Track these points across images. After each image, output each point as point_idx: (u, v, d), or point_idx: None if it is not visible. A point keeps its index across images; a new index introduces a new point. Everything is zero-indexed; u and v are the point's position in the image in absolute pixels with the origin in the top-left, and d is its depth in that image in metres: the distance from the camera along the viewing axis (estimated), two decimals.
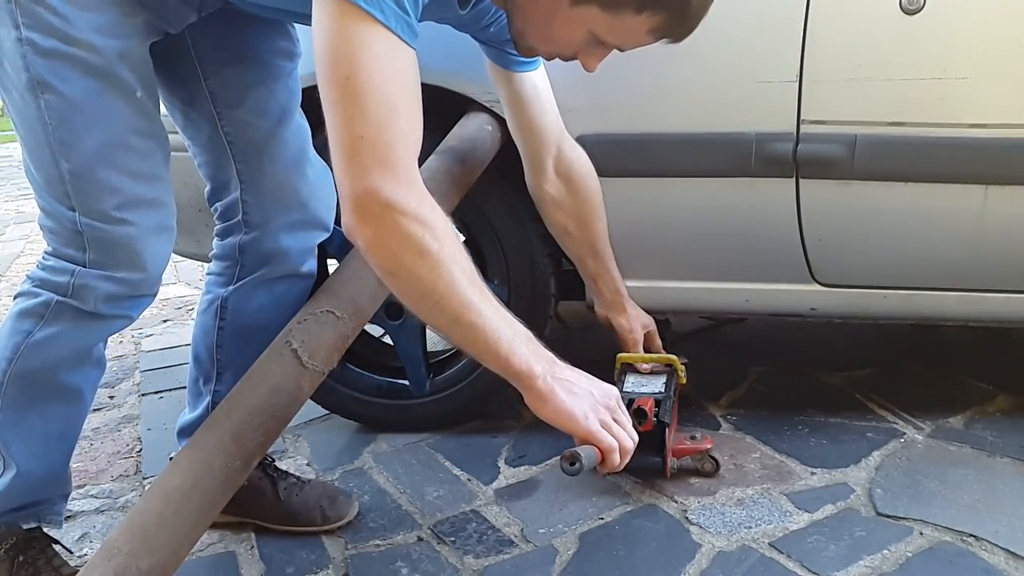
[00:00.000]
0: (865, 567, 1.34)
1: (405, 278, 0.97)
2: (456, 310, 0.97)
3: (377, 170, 0.92)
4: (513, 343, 1.01)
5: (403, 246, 0.94)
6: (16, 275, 3.71)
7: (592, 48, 1.10)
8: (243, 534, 1.53)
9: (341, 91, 0.92)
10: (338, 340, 1.25)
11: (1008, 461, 1.61)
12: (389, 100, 0.92)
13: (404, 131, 0.94)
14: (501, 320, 1.01)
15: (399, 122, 0.93)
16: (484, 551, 1.45)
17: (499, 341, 1.00)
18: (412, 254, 0.94)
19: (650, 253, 1.69)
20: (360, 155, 0.92)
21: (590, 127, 1.59)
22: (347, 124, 0.92)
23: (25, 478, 1.28)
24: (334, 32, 0.92)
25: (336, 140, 0.93)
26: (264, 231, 1.36)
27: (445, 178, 1.50)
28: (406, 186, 0.93)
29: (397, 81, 0.94)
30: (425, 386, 1.83)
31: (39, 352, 1.21)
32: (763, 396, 1.94)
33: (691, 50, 1.53)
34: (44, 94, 1.10)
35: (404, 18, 0.93)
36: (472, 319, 0.98)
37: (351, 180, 0.93)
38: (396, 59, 0.94)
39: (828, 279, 1.64)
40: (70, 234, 1.16)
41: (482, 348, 1.01)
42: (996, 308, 1.61)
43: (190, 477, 1.08)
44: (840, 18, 1.47)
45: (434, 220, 0.95)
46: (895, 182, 1.52)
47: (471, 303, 0.98)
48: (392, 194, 0.92)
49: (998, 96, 1.45)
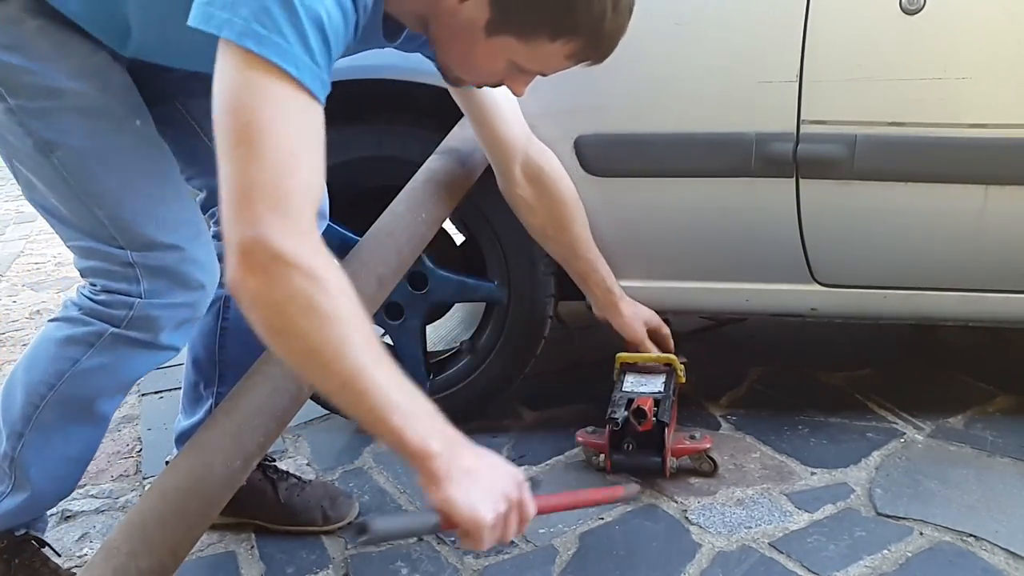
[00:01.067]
0: (865, 567, 1.34)
1: (291, 337, 0.88)
2: (346, 375, 0.88)
3: (270, 218, 0.85)
4: (409, 417, 0.91)
5: (290, 301, 0.86)
6: (16, 275, 3.71)
7: (515, 75, 1.09)
8: (243, 534, 1.53)
9: (238, 137, 0.86)
10: None
11: (1008, 461, 1.61)
12: (291, 149, 0.87)
13: (304, 181, 0.88)
14: (398, 390, 0.91)
15: (299, 172, 0.87)
16: (484, 551, 1.45)
17: (393, 413, 0.90)
18: (299, 310, 0.86)
19: (650, 253, 1.69)
20: (253, 202, 0.85)
21: (590, 127, 1.59)
22: (242, 170, 0.86)
23: (38, 499, 1.28)
24: (237, 81, 0.87)
25: (228, 187, 0.86)
26: None
27: (445, 179, 1.51)
28: (299, 237, 0.86)
29: (302, 133, 0.89)
30: (425, 386, 1.83)
31: (84, 380, 1.21)
32: (763, 396, 1.94)
33: (691, 50, 1.54)
34: (54, 153, 1.11)
35: (317, 72, 0.89)
36: (363, 386, 0.89)
37: (240, 228, 0.85)
38: (303, 113, 0.89)
39: (828, 279, 1.64)
40: (122, 269, 1.15)
41: (374, 419, 0.90)
42: (996, 308, 1.61)
43: (190, 477, 1.08)
44: (840, 18, 1.47)
45: (328, 275, 0.88)
46: (895, 182, 1.52)
47: (363, 369, 0.88)
48: (283, 245, 0.85)
49: (998, 96, 1.45)
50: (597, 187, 1.62)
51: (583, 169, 1.61)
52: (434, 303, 1.80)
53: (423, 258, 1.70)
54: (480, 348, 1.81)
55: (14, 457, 1.24)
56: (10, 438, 1.24)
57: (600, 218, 1.65)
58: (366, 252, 1.37)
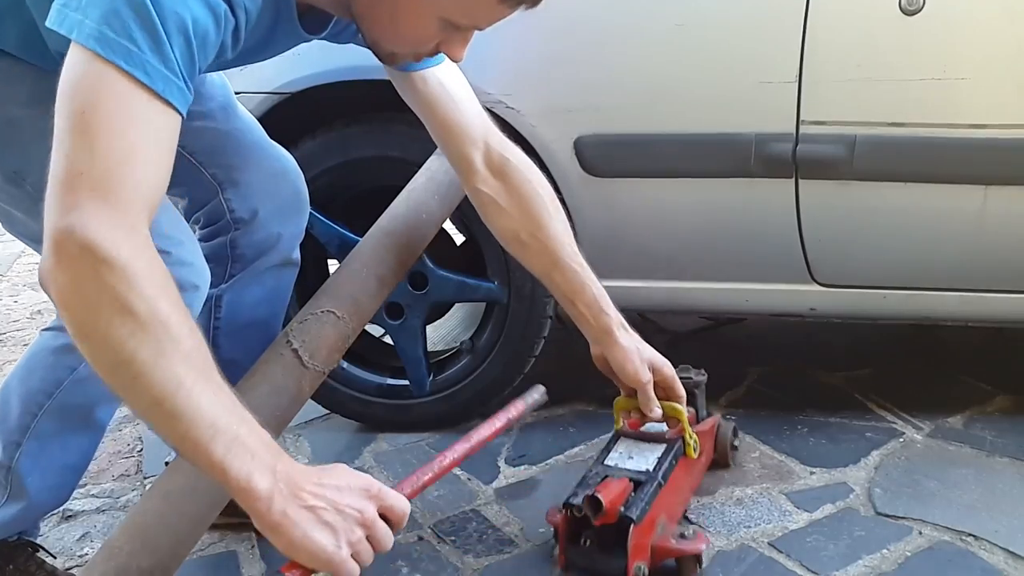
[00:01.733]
0: (864, 567, 1.35)
1: (99, 341, 0.78)
2: (158, 392, 0.78)
3: (91, 206, 0.77)
4: (233, 448, 0.79)
5: (101, 300, 0.77)
6: (17, 275, 3.71)
7: (450, 35, 1.00)
8: (244, 534, 1.53)
9: (73, 124, 0.80)
10: (339, 340, 1.26)
11: (1008, 461, 1.61)
12: (129, 142, 0.80)
13: (140, 176, 0.81)
14: (222, 414, 0.80)
15: (135, 165, 0.80)
16: (484, 550, 1.45)
17: (213, 440, 0.79)
18: (110, 312, 0.77)
19: (650, 253, 1.69)
20: (75, 189, 0.78)
21: (590, 127, 1.59)
22: (71, 156, 0.79)
23: (34, 508, 1.28)
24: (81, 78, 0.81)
25: (53, 173, 0.79)
26: (254, 222, 1.35)
27: (445, 179, 1.51)
28: (121, 230, 0.78)
29: (146, 132, 0.82)
30: (425, 386, 1.83)
31: (83, 388, 1.20)
32: (763, 396, 1.94)
33: (691, 50, 1.54)
34: (26, 180, 1.09)
35: (170, 79, 0.83)
36: (177, 406, 0.78)
37: (57, 215, 0.78)
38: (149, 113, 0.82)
39: (828, 279, 1.64)
40: None
41: (190, 447, 0.79)
42: (996, 308, 1.61)
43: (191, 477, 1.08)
44: (840, 18, 1.47)
45: (148, 274, 0.79)
46: (895, 182, 1.52)
47: (179, 387, 0.78)
48: (99, 236, 0.76)
49: (998, 96, 1.45)
50: (597, 187, 1.62)
51: (583, 169, 1.61)
52: (434, 303, 1.80)
53: (423, 258, 1.70)
54: (480, 348, 1.82)
55: (11, 467, 1.23)
56: (7, 448, 1.23)
57: (600, 218, 1.65)
58: (366, 252, 1.38)
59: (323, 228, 1.73)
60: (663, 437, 1.42)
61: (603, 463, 1.38)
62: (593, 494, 1.23)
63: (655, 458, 1.37)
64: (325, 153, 1.71)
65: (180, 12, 0.83)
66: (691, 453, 1.43)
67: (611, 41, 1.56)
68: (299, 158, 1.66)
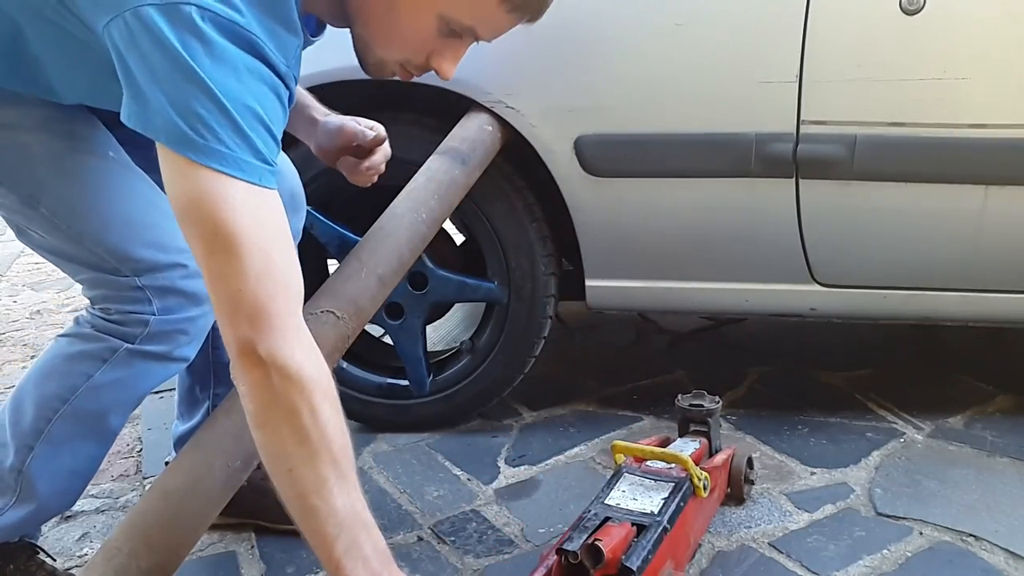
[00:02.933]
0: (865, 567, 1.34)
1: (268, 435, 0.91)
2: (304, 488, 0.90)
3: (260, 325, 0.88)
4: (351, 548, 0.90)
5: (277, 405, 0.89)
6: (16, 275, 3.71)
7: (446, 41, 1.01)
8: (243, 534, 1.53)
9: (209, 246, 0.88)
10: (338, 340, 1.25)
11: (1008, 461, 1.61)
12: (261, 249, 0.88)
13: (282, 279, 0.90)
14: (350, 517, 0.90)
15: (275, 270, 0.89)
16: (484, 551, 1.45)
17: (336, 539, 0.89)
18: (281, 415, 0.89)
19: (650, 253, 1.69)
20: (240, 310, 0.88)
21: (590, 127, 1.59)
22: (223, 282, 0.88)
23: (41, 512, 1.28)
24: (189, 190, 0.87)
25: (215, 298, 0.90)
26: None
27: (445, 179, 1.51)
28: (290, 340, 0.89)
29: (266, 226, 0.89)
30: (425, 386, 1.83)
31: (98, 395, 1.20)
32: (763, 396, 1.94)
33: (691, 50, 1.54)
34: (40, 204, 1.11)
35: (264, 169, 0.89)
36: (315, 504, 0.89)
37: (234, 332, 0.89)
38: (261, 207, 0.89)
39: (828, 279, 1.64)
40: (132, 293, 1.15)
41: (318, 540, 0.91)
42: (996, 308, 1.61)
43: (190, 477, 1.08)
44: (840, 18, 1.47)
45: (317, 378, 0.90)
46: (895, 182, 1.52)
47: (323, 487, 0.89)
48: (273, 349, 0.88)
49: (998, 96, 1.45)
50: (597, 187, 1.62)
51: (583, 169, 1.61)
52: (434, 303, 1.80)
53: (423, 258, 1.70)
54: (480, 348, 1.82)
55: (22, 470, 1.23)
56: (19, 451, 1.23)
57: (600, 218, 1.65)
58: (366, 252, 1.37)
59: (323, 228, 1.73)
60: (670, 475, 1.31)
61: (603, 502, 1.26)
62: (592, 542, 1.12)
63: (661, 499, 1.25)
64: None
65: (249, 103, 0.88)
66: (701, 493, 1.30)
67: (611, 41, 1.56)
68: (299, 158, 1.66)
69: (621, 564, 1.12)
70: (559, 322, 1.85)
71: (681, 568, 1.27)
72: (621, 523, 1.19)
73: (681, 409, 1.52)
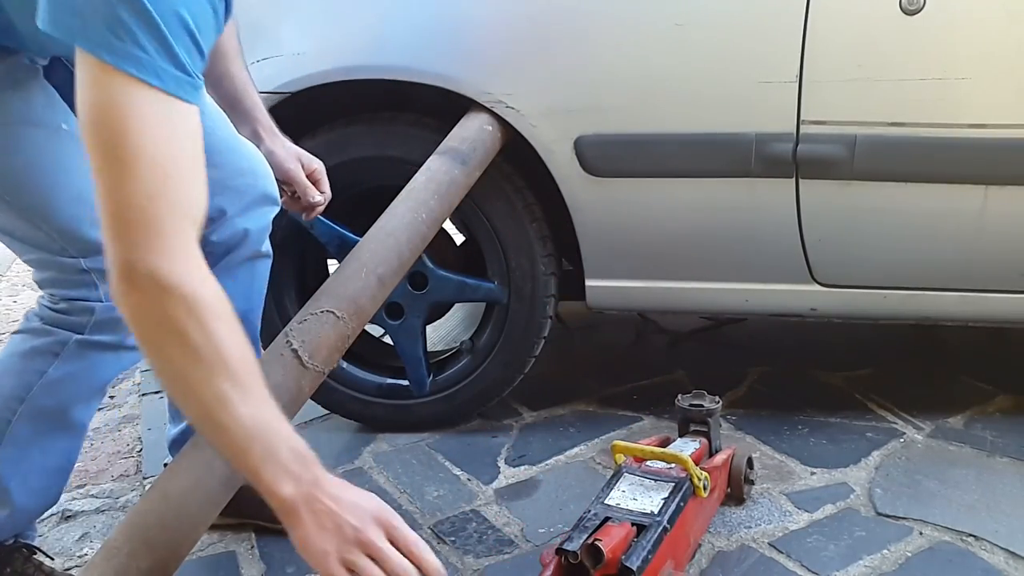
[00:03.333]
0: (865, 567, 1.34)
1: (160, 360, 0.88)
2: (207, 406, 0.88)
3: (145, 242, 0.84)
4: (267, 456, 0.89)
5: (162, 324, 0.86)
6: (16, 275, 3.71)
7: None
8: (243, 534, 1.53)
9: (107, 154, 0.84)
10: (338, 340, 1.26)
11: (1008, 461, 1.61)
12: (161, 165, 0.85)
13: (179, 199, 0.86)
14: (260, 426, 0.89)
15: (172, 189, 0.85)
16: (484, 551, 1.45)
17: (249, 450, 0.88)
18: (170, 336, 0.86)
19: (650, 253, 1.69)
20: (128, 225, 0.84)
21: (590, 127, 1.59)
22: (115, 190, 0.84)
23: (21, 513, 1.27)
24: (99, 95, 0.84)
25: (103, 208, 0.86)
26: (222, 220, 1.33)
27: (445, 179, 1.51)
28: (179, 259, 0.86)
29: (172, 143, 0.86)
30: (425, 386, 1.83)
31: (55, 390, 1.20)
32: (763, 396, 1.94)
33: (691, 50, 1.54)
34: None
35: (184, 79, 0.86)
36: (221, 419, 0.87)
37: (118, 249, 0.85)
38: (171, 120, 0.86)
39: (828, 279, 1.64)
40: (77, 276, 1.14)
41: (230, 453, 0.90)
42: (996, 308, 1.61)
43: (190, 477, 1.08)
44: (840, 18, 1.47)
45: (207, 302, 0.87)
46: (895, 182, 1.52)
47: (226, 403, 0.87)
48: (159, 268, 0.84)
49: (998, 96, 1.45)
50: (597, 187, 1.62)
51: (583, 169, 1.61)
52: (434, 303, 1.80)
53: (423, 258, 1.70)
54: (480, 348, 1.82)
55: None
56: None
57: (600, 218, 1.65)
58: (366, 252, 1.37)
59: (323, 228, 1.73)
60: (670, 475, 1.31)
61: (603, 502, 1.25)
62: (593, 542, 1.12)
63: (661, 499, 1.25)
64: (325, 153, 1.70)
65: (177, 10, 0.84)
66: (701, 493, 1.30)
67: (611, 41, 1.56)
68: None
69: (621, 564, 1.12)
70: (559, 322, 1.85)
71: (681, 568, 1.27)
72: (621, 523, 1.18)
73: (681, 409, 1.52)
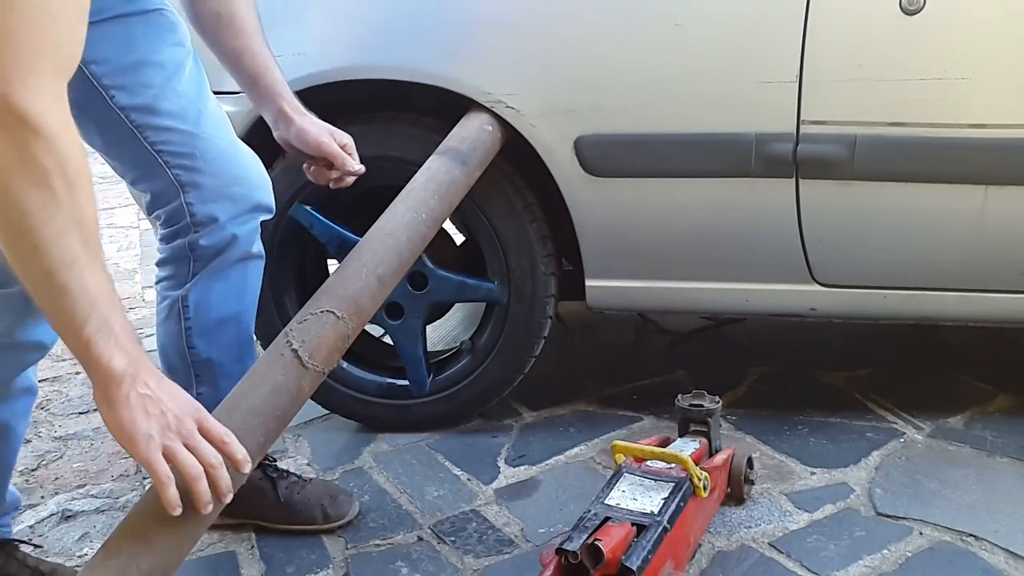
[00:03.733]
0: (865, 567, 1.35)
1: (10, 205, 0.81)
2: (52, 265, 0.83)
3: (21, 78, 0.79)
4: (103, 327, 0.87)
5: (22, 169, 0.80)
6: None
7: None
8: (243, 534, 1.53)
9: None
10: (338, 340, 1.25)
11: (1008, 461, 1.61)
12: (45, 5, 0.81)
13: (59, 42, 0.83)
14: (102, 295, 0.87)
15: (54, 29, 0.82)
16: (484, 551, 1.45)
17: (88, 319, 0.85)
18: (29, 181, 0.80)
19: (650, 253, 1.69)
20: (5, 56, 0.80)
21: (590, 127, 1.59)
22: None
23: None
24: None
25: None
26: (213, 226, 1.33)
27: (445, 179, 1.51)
28: (50, 100, 0.81)
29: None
30: (425, 386, 1.83)
31: None
32: (763, 396, 1.95)
33: (691, 50, 1.54)
34: None
35: None
36: (65, 282, 0.84)
37: None
38: None
39: (828, 279, 1.64)
40: None
41: (66, 320, 0.86)
42: (996, 308, 1.61)
43: None
44: (840, 18, 1.47)
45: (71, 152, 0.83)
46: (895, 182, 1.52)
47: (74, 264, 0.83)
48: (30, 108, 0.79)
49: (998, 96, 1.45)
50: (597, 187, 1.62)
51: (583, 169, 1.61)
52: (434, 303, 1.80)
53: (423, 258, 1.70)
54: (480, 348, 1.82)
55: None
56: None
57: (600, 218, 1.65)
58: (366, 252, 1.37)
59: (323, 228, 1.73)
60: (670, 475, 1.31)
61: (603, 502, 1.26)
62: (592, 542, 1.12)
63: (661, 499, 1.25)
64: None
65: None
66: (701, 493, 1.30)
67: (611, 41, 1.56)
68: None
69: (621, 564, 1.12)
70: (559, 322, 1.85)
71: (681, 568, 1.27)
72: (621, 523, 1.19)
73: (681, 409, 1.52)
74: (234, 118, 1.43)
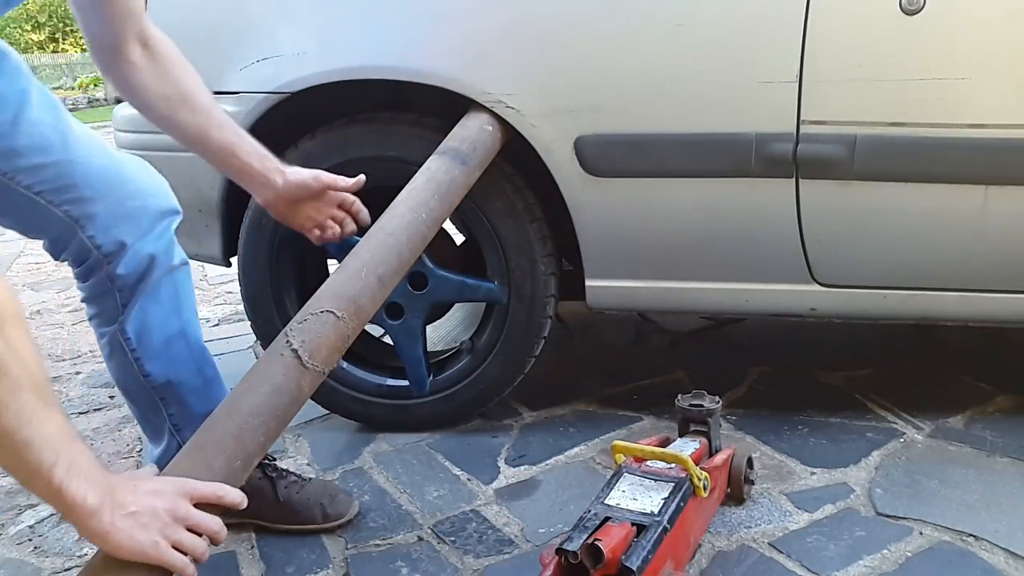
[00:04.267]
0: (865, 567, 1.34)
1: None
2: (10, 424, 0.82)
3: None
4: (72, 470, 0.87)
5: None
6: (16, 275, 3.71)
7: None
8: (243, 534, 1.53)
9: None
10: (338, 340, 1.25)
11: (1008, 461, 1.61)
12: None
13: None
14: (65, 439, 0.87)
15: None
16: (484, 551, 1.45)
17: (55, 465, 0.85)
18: None
19: (650, 253, 1.69)
20: None
21: (590, 127, 1.59)
22: None
23: None
24: None
25: None
26: (124, 252, 1.29)
27: (445, 179, 1.51)
28: None
29: None
30: (425, 386, 1.83)
31: None
32: (763, 396, 1.95)
33: (691, 50, 1.54)
34: None
35: None
36: (28, 436, 0.83)
37: None
38: None
39: (828, 279, 1.64)
40: None
41: (33, 470, 0.85)
42: (996, 308, 1.61)
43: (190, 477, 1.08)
44: (840, 18, 1.47)
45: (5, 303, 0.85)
46: (895, 182, 1.52)
47: (33, 417, 0.83)
48: None
49: (998, 96, 1.45)
50: (597, 187, 1.62)
51: (583, 169, 1.61)
52: (434, 303, 1.80)
53: (423, 258, 1.70)
54: (480, 348, 1.82)
55: None
56: None
57: (600, 218, 1.65)
58: (366, 252, 1.37)
59: None
60: (670, 475, 1.31)
61: (603, 502, 1.25)
62: (592, 542, 1.11)
63: (661, 499, 1.25)
64: (325, 153, 1.71)
65: None
66: (701, 493, 1.30)
67: (611, 41, 1.56)
68: (299, 158, 1.67)
69: (621, 564, 1.11)
70: (559, 322, 1.85)
71: (681, 568, 1.26)
72: (621, 523, 1.18)
73: (681, 409, 1.52)
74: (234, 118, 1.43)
